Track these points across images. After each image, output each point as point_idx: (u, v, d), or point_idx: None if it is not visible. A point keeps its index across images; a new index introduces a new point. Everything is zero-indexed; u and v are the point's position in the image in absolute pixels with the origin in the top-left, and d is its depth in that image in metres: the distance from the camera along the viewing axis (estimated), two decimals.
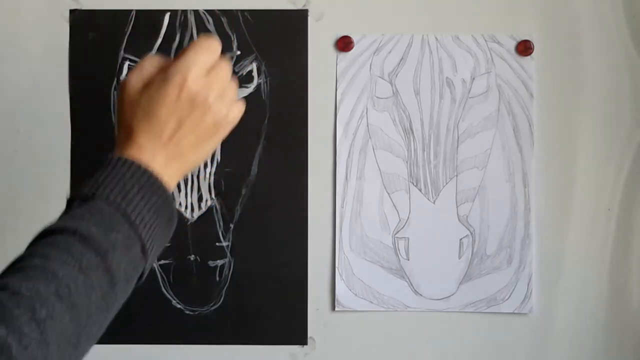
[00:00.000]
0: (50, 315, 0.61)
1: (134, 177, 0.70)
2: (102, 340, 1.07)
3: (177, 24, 1.05)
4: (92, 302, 0.64)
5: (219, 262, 1.06)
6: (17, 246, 1.06)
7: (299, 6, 1.05)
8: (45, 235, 0.67)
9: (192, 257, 1.05)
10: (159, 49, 1.05)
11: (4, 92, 1.05)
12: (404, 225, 1.05)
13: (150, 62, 0.76)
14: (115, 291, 0.66)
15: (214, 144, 0.79)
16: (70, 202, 0.70)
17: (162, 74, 0.74)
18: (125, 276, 0.67)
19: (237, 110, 0.79)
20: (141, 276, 0.71)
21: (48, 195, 1.05)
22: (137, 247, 0.69)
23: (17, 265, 0.64)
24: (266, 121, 1.05)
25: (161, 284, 1.05)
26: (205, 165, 1.05)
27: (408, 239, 1.05)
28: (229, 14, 1.05)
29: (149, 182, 0.71)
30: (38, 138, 1.06)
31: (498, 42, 1.05)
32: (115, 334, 1.07)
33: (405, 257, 1.05)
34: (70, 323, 0.62)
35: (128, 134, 0.74)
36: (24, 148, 1.06)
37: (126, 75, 0.77)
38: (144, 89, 0.74)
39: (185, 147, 0.75)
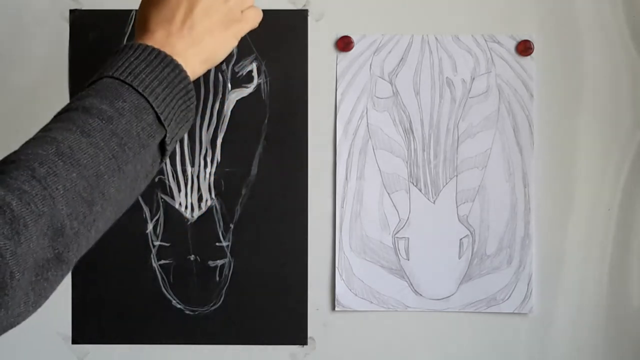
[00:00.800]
0: (53, 172, 0.58)
1: (140, 56, 0.69)
2: (102, 340, 1.07)
3: None
4: (101, 161, 0.62)
5: (219, 262, 1.06)
6: None
7: (299, 6, 1.05)
8: (53, 119, 0.66)
9: (192, 257, 1.05)
10: None
11: (4, 92, 1.05)
12: (404, 225, 1.05)
13: None
14: (127, 153, 0.64)
15: (231, 35, 0.78)
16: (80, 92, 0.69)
17: None
18: (139, 141, 0.65)
19: (253, 13, 0.79)
20: (164, 148, 0.69)
21: None
22: (149, 114, 0.66)
23: (22, 146, 0.63)
24: (266, 121, 1.05)
25: (161, 284, 1.05)
26: (205, 165, 1.05)
27: (408, 239, 1.05)
28: None
29: (158, 57, 0.69)
30: None
31: (498, 42, 1.05)
32: (115, 334, 1.07)
33: (405, 257, 1.05)
34: (78, 179, 0.60)
35: (142, 26, 0.74)
36: None
37: None
38: None
39: (199, 31, 0.74)
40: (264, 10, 1.05)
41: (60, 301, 1.06)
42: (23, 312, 0.57)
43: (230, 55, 1.05)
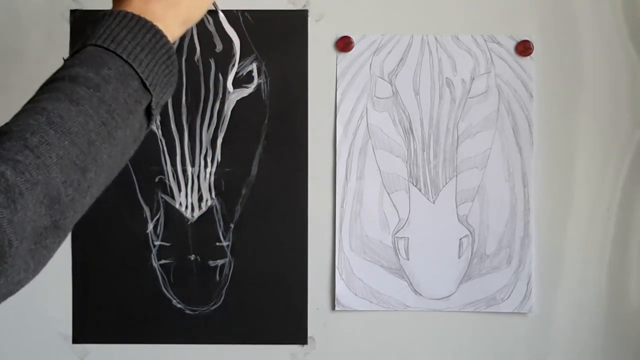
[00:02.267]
0: (45, 141, 0.59)
1: (121, 23, 0.69)
2: (103, 340, 1.07)
3: None
4: (91, 129, 0.62)
5: (219, 262, 1.06)
6: None
7: (299, 6, 1.05)
8: (36, 94, 0.67)
9: (192, 257, 1.06)
10: None
11: (4, 92, 1.05)
12: (403, 225, 1.05)
13: None
14: (115, 120, 0.64)
15: None
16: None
17: None
18: (126, 107, 0.66)
19: None
20: (150, 113, 0.70)
21: None
22: (134, 80, 0.67)
23: (12, 118, 0.63)
24: (266, 121, 1.06)
25: (161, 284, 1.05)
26: (206, 165, 1.05)
27: (408, 238, 1.05)
28: (229, 14, 1.05)
29: (139, 24, 0.70)
30: None
31: (498, 43, 1.05)
32: (115, 334, 1.07)
33: (405, 257, 1.05)
34: (71, 147, 0.60)
35: None
36: None
37: None
38: None
39: None
40: (263, 10, 1.06)
41: (60, 301, 1.06)
42: (22, 279, 0.57)
43: (231, 56, 1.05)
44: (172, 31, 0.74)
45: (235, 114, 1.05)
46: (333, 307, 1.06)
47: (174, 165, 1.05)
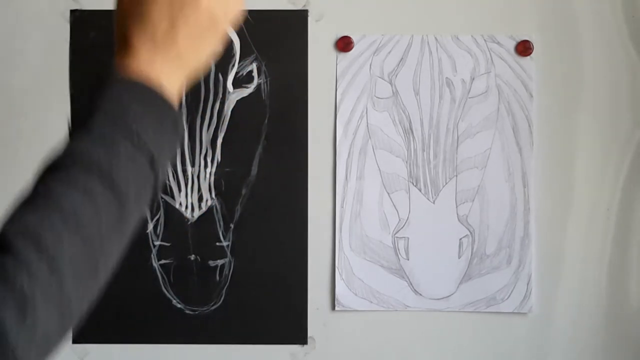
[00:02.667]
0: (61, 250, 0.58)
1: (131, 91, 0.69)
2: (103, 340, 1.07)
3: None
4: (104, 234, 0.62)
5: (219, 262, 1.06)
6: None
7: (299, 6, 1.05)
8: (47, 168, 0.66)
9: (192, 257, 1.06)
10: None
11: (4, 92, 1.05)
12: (403, 225, 1.05)
13: None
14: (128, 221, 0.65)
15: (213, 43, 0.77)
16: (71, 134, 0.69)
17: None
18: (138, 209, 0.66)
19: (236, 6, 0.78)
20: (155, 192, 0.70)
21: None
22: (142, 158, 0.67)
23: (21, 201, 0.63)
24: (266, 121, 1.06)
25: (161, 284, 1.05)
26: (206, 165, 1.05)
27: (408, 238, 1.05)
28: None
29: (150, 94, 0.69)
30: (38, 138, 1.06)
31: (498, 43, 1.05)
32: (115, 334, 1.07)
33: (405, 257, 1.05)
34: (83, 247, 0.61)
35: (123, 41, 0.73)
36: (25, 148, 1.05)
37: None
38: None
39: (181, 47, 0.74)
40: (264, 11, 1.06)
41: None
42: None
43: (231, 57, 1.05)
44: (179, 87, 0.74)
45: (235, 114, 1.05)
46: (333, 307, 1.06)
47: (174, 165, 1.05)
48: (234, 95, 1.05)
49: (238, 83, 1.05)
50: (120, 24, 0.75)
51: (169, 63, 0.73)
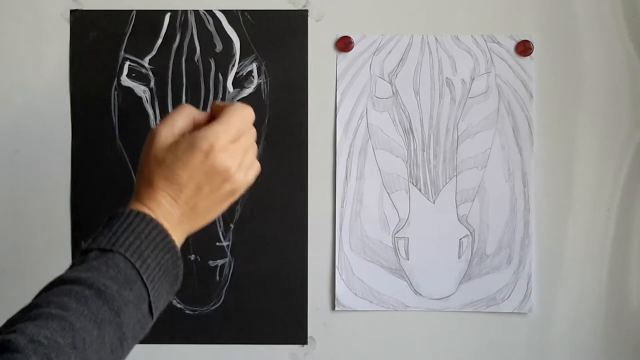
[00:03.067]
0: None
1: (150, 235, 0.71)
2: None
3: (177, 24, 1.05)
4: (102, 357, 0.65)
5: (219, 262, 1.06)
6: (17, 246, 1.07)
7: (299, 6, 1.05)
8: (61, 284, 0.67)
9: (192, 257, 1.06)
10: (159, 49, 1.05)
11: (4, 92, 1.06)
12: (403, 225, 1.05)
13: (183, 117, 0.77)
14: (123, 348, 0.67)
15: (226, 206, 0.80)
16: (86, 252, 0.70)
17: (191, 136, 0.74)
18: (133, 334, 0.68)
19: (252, 173, 0.80)
20: (146, 331, 0.73)
21: (48, 195, 1.05)
22: (145, 305, 0.70)
23: (34, 312, 0.64)
24: (266, 121, 1.06)
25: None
26: None
27: (408, 238, 1.05)
28: (229, 14, 1.05)
29: (164, 242, 0.72)
30: (38, 138, 1.06)
31: (498, 42, 1.05)
32: None
33: (405, 257, 1.05)
34: None
35: (148, 187, 0.74)
36: (25, 148, 1.06)
37: (157, 125, 0.78)
38: (171, 145, 0.75)
39: (199, 210, 0.76)
40: (264, 10, 1.06)
41: None
42: None
43: (231, 56, 1.05)
44: (182, 238, 0.76)
45: None
46: (333, 307, 1.06)
47: None
48: (234, 95, 1.05)
49: (238, 83, 1.05)
50: (149, 166, 0.75)
51: (184, 221, 0.75)
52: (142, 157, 0.77)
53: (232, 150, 0.76)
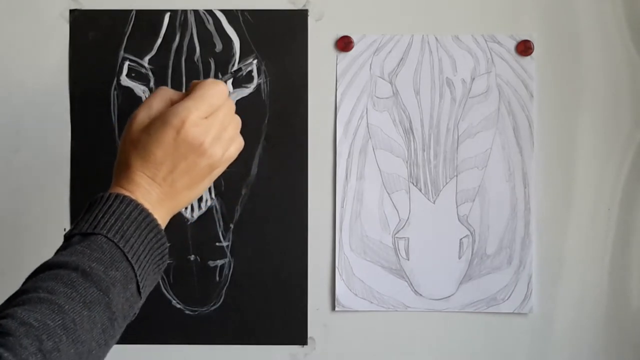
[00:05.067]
0: (57, 348, 0.61)
1: (131, 215, 0.72)
2: None
3: (177, 24, 1.05)
4: (94, 337, 0.65)
5: (219, 262, 1.06)
6: (17, 245, 1.06)
7: (299, 6, 1.05)
8: (46, 269, 0.67)
9: (192, 257, 1.05)
10: (159, 49, 1.05)
11: (4, 92, 1.05)
12: (404, 225, 1.05)
13: (159, 99, 0.78)
14: (114, 327, 0.67)
15: (209, 182, 0.80)
16: (69, 238, 0.71)
17: (163, 114, 0.75)
18: (122, 313, 0.69)
19: (234, 148, 0.80)
20: (136, 311, 0.73)
21: (48, 195, 1.05)
22: (133, 285, 0.70)
23: (22, 297, 0.65)
24: (266, 121, 1.05)
25: (161, 284, 1.05)
26: None
27: (408, 239, 1.05)
28: (228, 13, 1.05)
29: (145, 221, 0.72)
30: (38, 138, 1.06)
31: (498, 42, 1.05)
32: None
33: (405, 257, 1.05)
34: (75, 356, 0.63)
35: (125, 169, 0.75)
36: (25, 148, 1.06)
37: (135, 111, 0.78)
38: (146, 126, 0.75)
39: (179, 187, 0.76)
40: (264, 10, 1.06)
41: None
42: None
43: (231, 56, 1.05)
44: (165, 218, 0.76)
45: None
46: (333, 308, 1.06)
47: None
48: (234, 95, 1.05)
49: (238, 83, 1.05)
50: (125, 151, 0.76)
51: (164, 200, 0.75)
52: (120, 142, 0.78)
53: (205, 124, 0.76)
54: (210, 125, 0.76)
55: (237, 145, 0.80)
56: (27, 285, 0.66)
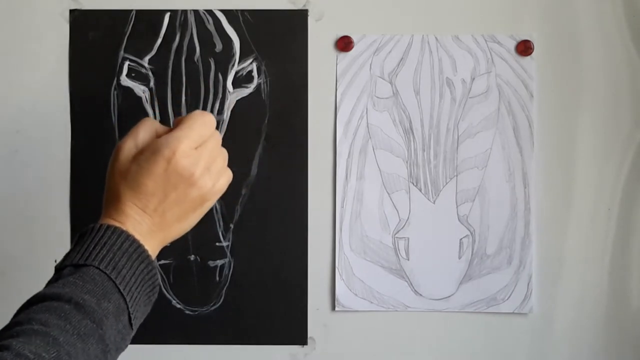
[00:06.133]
0: None
1: (122, 246, 0.71)
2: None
3: (177, 24, 1.05)
4: None
5: (219, 262, 1.06)
6: (17, 245, 1.06)
7: (299, 6, 1.05)
8: (39, 301, 0.67)
9: (192, 257, 1.05)
10: (159, 49, 1.05)
11: (4, 92, 1.05)
12: (404, 225, 1.05)
13: (145, 130, 0.77)
14: (107, 359, 0.67)
15: (199, 214, 0.80)
16: (60, 269, 0.71)
17: (153, 144, 0.75)
18: (115, 345, 0.68)
19: (224, 180, 0.80)
20: (128, 342, 0.73)
21: (48, 195, 1.05)
22: (125, 316, 0.70)
23: (16, 329, 0.64)
24: (266, 121, 1.05)
25: (161, 284, 1.05)
26: None
27: (408, 239, 1.05)
28: (229, 14, 1.05)
29: (137, 252, 0.72)
30: (38, 138, 1.06)
31: (498, 42, 1.05)
32: None
33: (405, 257, 1.05)
34: None
35: (116, 200, 0.75)
36: (24, 148, 1.06)
37: (121, 139, 0.78)
38: (135, 157, 0.75)
39: (169, 218, 0.76)
40: (264, 10, 1.06)
41: None
42: None
43: (231, 56, 1.05)
44: (155, 250, 0.76)
45: (235, 114, 1.05)
46: (333, 308, 1.06)
47: None
48: (234, 95, 1.05)
49: (238, 83, 1.05)
50: (114, 179, 0.76)
51: (155, 231, 0.75)
52: (107, 172, 0.77)
53: (195, 155, 0.76)
54: (200, 156, 0.76)
55: (226, 177, 0.81)
56: (21, 317, 0.66)
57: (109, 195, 0.76)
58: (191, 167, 0.75)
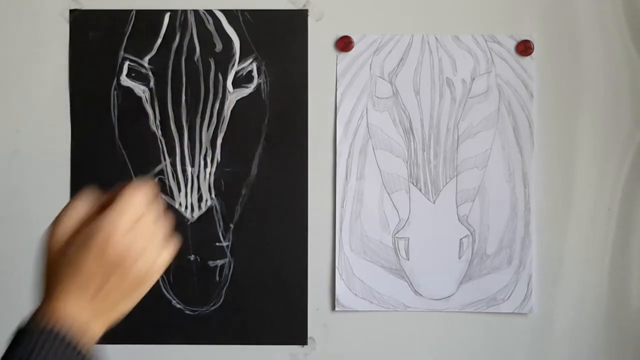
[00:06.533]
0: None
1: (58, 353, 0.70)
2: (102, 340, 1.07)
3: (177, 24, 1.05)
4: None
5: (219, 262, 1.06)
6: (17, 245, 1.06)
7: (299, 6, 1.05)
8: None
9: (192, 257, 1.05)
10: (159, 49, 1.05)
11: (4, 92, 1.05)
12: (404, 225, 1.05)
13: (72, 212, 0.75)
14: None
15: (142, 292, 0.78)
16: None
17: (87, 229, 0.73)
18: None
19: (165, 256, 0.78)
20: None
21: (48, 195, 1.05)
22: None
23: None
24: (266, 121, 1.05)
25: (161, 284, 1.05)
26: (205, 165, 1.05)
27: (408, 239, 1.05)
28: (229, 14, 1.05)
29: (75, 352, 0.71)
30: (38, 138, 1.06)
31: (498, 42, 1.05)
32: (115, 334, 1.07)
33: (405, 257, 1.05)
34: None
35: (53, 288, 0.73)
36: (25, 148, 1.05)
37: (49, 227, 0.77)
38: (69, 241, 0.73)
39: (111, 301, 0.74)
40: (264, 10, 1.06)
41: None
42: None
43: (231, 56, 1.05)
44: (95, 338, 0.74)
45: (235, 114, 1.05)
46: (333, 308, 1.06)
47: (173, 165, 1.05)
48: (234, 95, 1.05)
49: (238, 83, 1.05)
50: (50, 267, 0.74)
51: (97, 315, 0.73)
52: (42, 258, 0.76)
53: (131, 236, 0.74)
54: (136, 236, 0.75)
55: (166, 253, 0.79)
56: None
57: (45, 284, 0.75)
58: (128, 249, 0.74)
